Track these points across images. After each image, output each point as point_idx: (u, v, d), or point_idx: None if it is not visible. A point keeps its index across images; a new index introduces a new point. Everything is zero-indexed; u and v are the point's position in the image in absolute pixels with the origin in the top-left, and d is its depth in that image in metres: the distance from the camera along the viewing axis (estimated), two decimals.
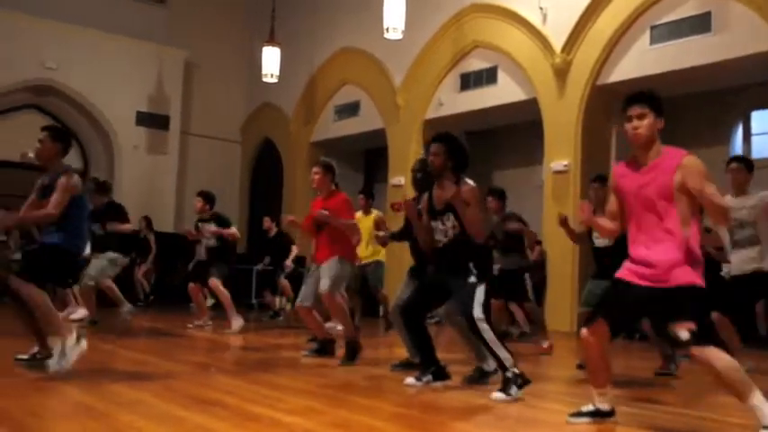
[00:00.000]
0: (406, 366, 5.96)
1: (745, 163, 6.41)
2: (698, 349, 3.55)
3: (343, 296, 7.01)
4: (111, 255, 9.07)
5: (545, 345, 8.23)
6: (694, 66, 11.09)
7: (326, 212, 6.58)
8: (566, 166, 12.24)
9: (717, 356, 3.54)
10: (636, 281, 3.81)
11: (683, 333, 3.56)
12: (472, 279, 4.99)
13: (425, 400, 4.84)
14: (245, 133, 19.65)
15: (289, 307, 13.13)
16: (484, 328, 4.90)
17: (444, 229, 5.17)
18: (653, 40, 11.61)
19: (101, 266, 8.98)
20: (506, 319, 9.90)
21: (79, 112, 16.95)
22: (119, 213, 9.22)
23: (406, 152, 14.98)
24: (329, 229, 6.72)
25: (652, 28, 11.62)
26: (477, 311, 4.92)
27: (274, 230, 12.99)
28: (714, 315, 5.67)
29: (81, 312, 9.41)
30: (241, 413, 4.04)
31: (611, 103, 12.58)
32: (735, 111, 12.74)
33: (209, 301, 11.00)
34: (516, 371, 4.83)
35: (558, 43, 12.61)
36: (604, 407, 4.05)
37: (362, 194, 9.92)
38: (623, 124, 3.94)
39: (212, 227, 9.64)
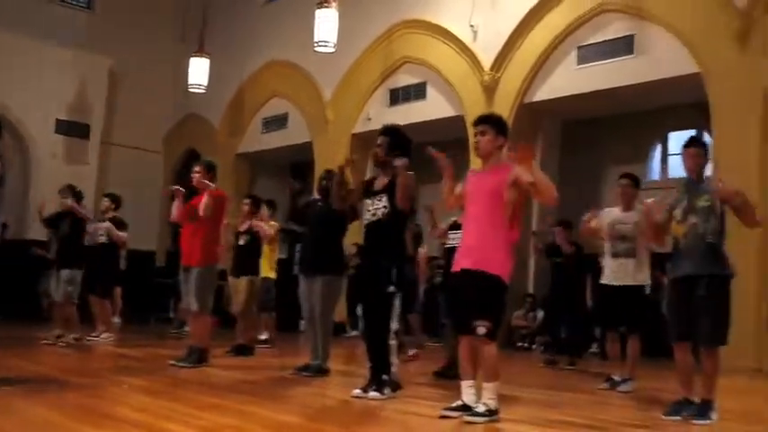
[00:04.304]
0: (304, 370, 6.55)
1: (633, 180, 6.73)
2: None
3: None
4: None
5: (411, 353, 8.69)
6: (618, 86, 11.36)
7: None
8: None
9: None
10: None
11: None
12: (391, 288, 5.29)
13: (343, 411, 4.73)
14: (168, 144, 19.21)
15: None
16: (392, 338, 5.31)
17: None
18: (580, 61, 11.84)
19: None
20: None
21: None
22: None
23: (332, 165, 14.75)
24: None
25: (579, 48, 11.85)
26: (394, 323, 5.30)
27: None
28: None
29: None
30: (154, 431, 3.84)
31: (537, 121, 12.81)
32: (654, 131, 13.07)
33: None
34: (394, 378, 5.29)
35: (487, 61, 12.73)
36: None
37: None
38: None
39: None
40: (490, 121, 4.77)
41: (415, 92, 14.12)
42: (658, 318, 5.49)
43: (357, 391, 5.28)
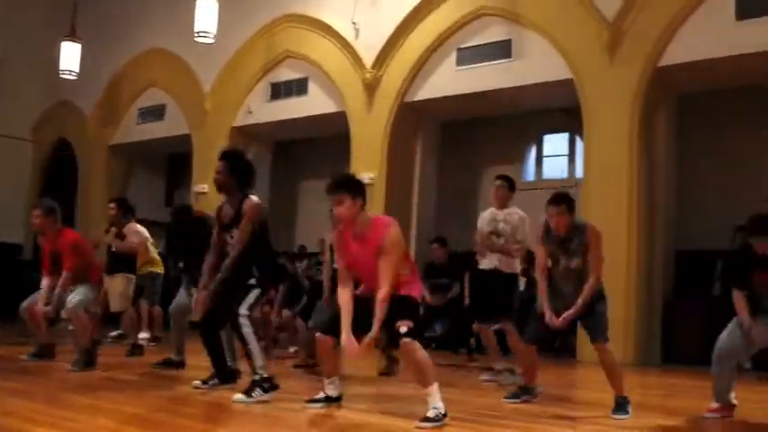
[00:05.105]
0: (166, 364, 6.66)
1: (508, 180, 7.07)
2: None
3: None
4: None
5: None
6: (495, 89, 11.66)
7: None
8: (371, 178, 12.32)
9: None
10: None
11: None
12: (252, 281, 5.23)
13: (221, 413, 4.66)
14: (38, 132, 18.28)
15: None
16: (245, 323, 5.12)
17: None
18: (459, 62, 12.08)
19: None
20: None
21: None
22: None
23: (211, 159, 14.40)
24: None
25: (459, 50, 12.09)
26: (243, 309, 5.15)
27: None
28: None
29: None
30: None
31: (418, 120, 13.00)
32: (530, 133, 13.53)
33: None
34: (264, 374, 5.01)
35: (369, 59, 12.81)
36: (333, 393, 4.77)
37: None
38: None
39: None
40: (343, 188, 4.63)
41: (297, 87, 14.05)
42: (534, 314, 5.68)
43: (196, 382, 5.42)
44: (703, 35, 9.97)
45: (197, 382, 5.46)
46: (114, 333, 9.60)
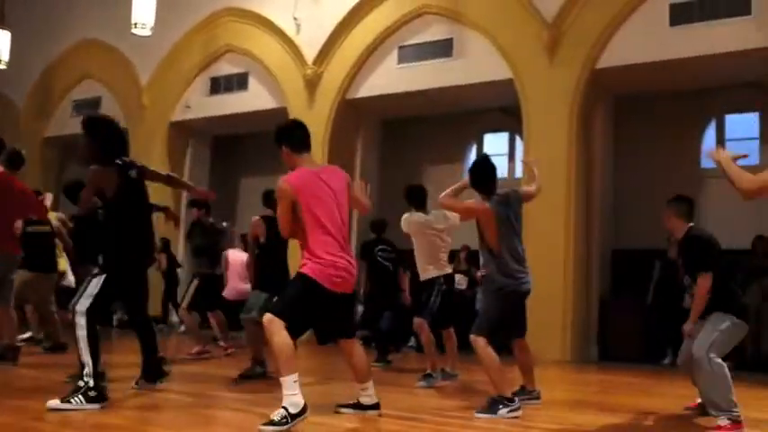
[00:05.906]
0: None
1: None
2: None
3: None
4: None
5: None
6: (436, 87, 11.70)
7: None
8: None
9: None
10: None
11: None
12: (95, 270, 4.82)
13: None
14: None
15: None
16: (79, 323, 4.56)
17: None
18: (401, 60, 12.09)
19: None
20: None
21: None
22: None
23: (149, 154, 14.27)
24: None
25: (400, 48, 12.09)
26: (80, 306, 4.61)
27: None
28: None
29: None
30: None
31: (359, 118, 12.97)
32: (470, 132, 13.60)
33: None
34: (91, 383, 4.43)
35: (310, 55, 12.73)
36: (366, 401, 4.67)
37: None
38: None
39: None
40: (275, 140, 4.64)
41: (238, 82, 13.88)
42: (473, 312, 5.74)
43: (133, 384, 5.26)
44: (639, 39, 10.18)
45: (133, 383, 5.31)
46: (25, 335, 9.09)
